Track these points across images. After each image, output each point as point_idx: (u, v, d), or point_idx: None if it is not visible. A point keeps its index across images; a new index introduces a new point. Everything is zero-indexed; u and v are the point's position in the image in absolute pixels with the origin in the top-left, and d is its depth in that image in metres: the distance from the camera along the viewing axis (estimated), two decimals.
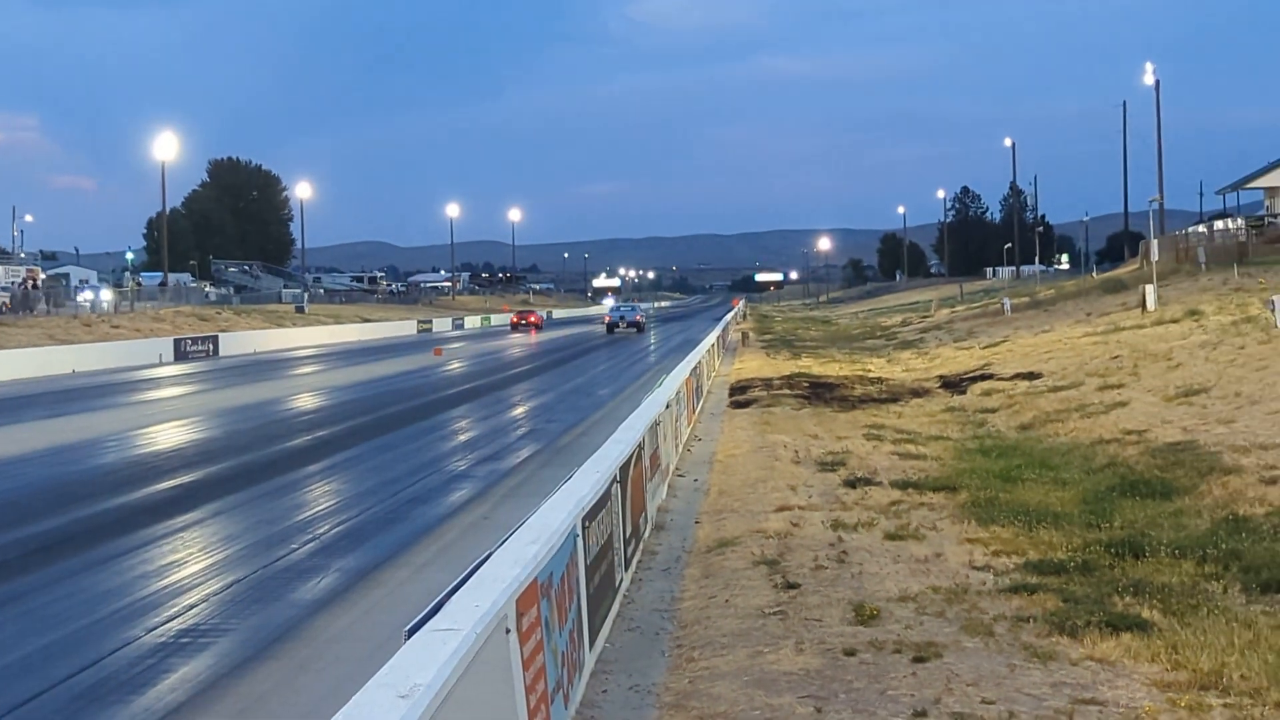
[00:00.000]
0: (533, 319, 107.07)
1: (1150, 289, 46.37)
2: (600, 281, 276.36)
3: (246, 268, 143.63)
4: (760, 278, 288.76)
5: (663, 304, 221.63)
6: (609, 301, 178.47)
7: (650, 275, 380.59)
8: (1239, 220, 77.57)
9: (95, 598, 13.38)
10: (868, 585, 11.93)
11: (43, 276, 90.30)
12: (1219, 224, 78.63)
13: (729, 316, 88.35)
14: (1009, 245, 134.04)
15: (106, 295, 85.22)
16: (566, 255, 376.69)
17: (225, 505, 19.22)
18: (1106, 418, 23.68)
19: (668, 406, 19.30)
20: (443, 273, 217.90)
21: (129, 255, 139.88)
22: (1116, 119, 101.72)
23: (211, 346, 68.42)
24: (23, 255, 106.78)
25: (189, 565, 14.89)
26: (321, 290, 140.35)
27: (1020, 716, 8.20)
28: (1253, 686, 8.67)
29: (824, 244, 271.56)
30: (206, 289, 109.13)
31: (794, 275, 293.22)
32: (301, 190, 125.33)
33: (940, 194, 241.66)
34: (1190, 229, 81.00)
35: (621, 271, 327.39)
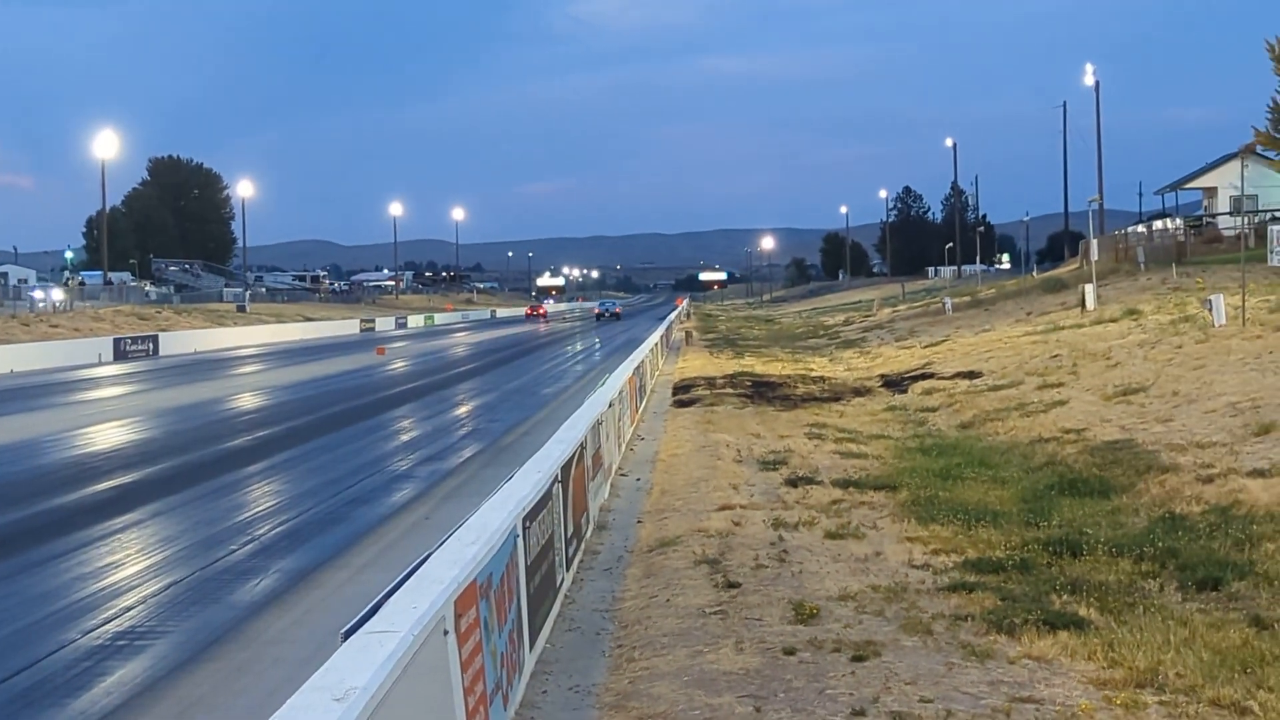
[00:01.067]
0: (541, 311, 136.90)
1: (1090, 288, 46.69)
2: (544, 280, 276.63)
3: (187, 267, 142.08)
4: (704, 277, 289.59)
5: None
6: (549, 303, 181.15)
7: (594, 274, 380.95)
8: (1177, 220, 78.26)
9: (32, 600, 13.23)
10: (808, 584, 11.98)
11: None
12: (1158, 224, 79.23)
13: (673, 315, 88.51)
14: (950, 245, 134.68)
15: (58, 294, 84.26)
16: (511, 254, 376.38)
17: (164, 506, 19.05)
18: (1046, 416, 23.85)
19: (610, 405, 19.29)
20: (386, 271, 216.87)
21: (68, 254, 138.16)
22: (1057, 119, 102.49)
23: (151, 346, 67.78)
24: None
25: (127, 567, 14.75)
26: (263, 289, 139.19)
27: (958, 715, 8.25)
28: (1188, 684, 8.75)
29: (767, 243, 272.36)
30: (147, 288, 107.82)
31: (738, 274, 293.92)
32: (243, 189, 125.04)
33: (882, 194, 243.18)
34: (1129, 229, 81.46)
35: (566, 270, 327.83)
